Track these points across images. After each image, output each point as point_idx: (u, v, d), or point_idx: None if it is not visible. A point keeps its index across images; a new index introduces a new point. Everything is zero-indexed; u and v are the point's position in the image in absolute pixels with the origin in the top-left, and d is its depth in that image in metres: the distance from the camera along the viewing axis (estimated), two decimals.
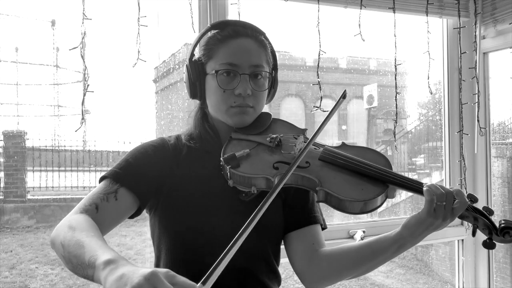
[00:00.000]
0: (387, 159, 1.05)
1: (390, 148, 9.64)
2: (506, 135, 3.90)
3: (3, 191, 6.39)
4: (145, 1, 1.49)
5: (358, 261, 1.05)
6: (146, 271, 0.64)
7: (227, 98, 1.05)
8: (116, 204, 0.97)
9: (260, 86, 1.07)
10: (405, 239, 0.98)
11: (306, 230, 1.12)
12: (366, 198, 0.95)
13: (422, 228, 0.95)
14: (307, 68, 11.62)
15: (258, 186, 0.97)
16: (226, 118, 1.07)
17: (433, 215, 0.93)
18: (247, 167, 0.98)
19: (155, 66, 7.68)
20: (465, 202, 0.94)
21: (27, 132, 6.50)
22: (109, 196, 0.97)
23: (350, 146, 1.09)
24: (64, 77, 7.05)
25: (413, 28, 2.32)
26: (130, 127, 7.91)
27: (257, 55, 1.07)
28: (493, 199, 2.27)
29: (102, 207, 0.95)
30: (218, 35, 1.08)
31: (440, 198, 0.92)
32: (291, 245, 1.13)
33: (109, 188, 0.98)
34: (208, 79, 1.08)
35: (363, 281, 5.84)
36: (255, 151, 1.03)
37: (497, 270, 3.66)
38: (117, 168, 1.02)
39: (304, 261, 1.11)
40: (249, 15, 1.68)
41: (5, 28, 6.81)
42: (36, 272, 5.10)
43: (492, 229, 0.97)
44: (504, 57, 2.18)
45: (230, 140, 1.06)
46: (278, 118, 1.16)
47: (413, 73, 8.01)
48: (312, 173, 0.98)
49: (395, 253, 1.00)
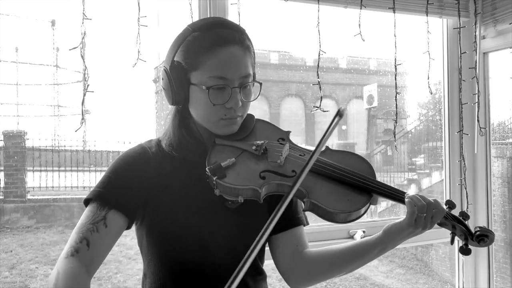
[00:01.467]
0: (370, 165, 1.07)
1: (390, 148, 9.64)
2: (506, 135, 3.90)
3: (3, 191, 6.40)
4: (145, 1, 1.49)
5: (340, 263, 1.07)
6: None
7: (217, 111, 1.01)
8: (107, 231, 0.95)
9: (249, 96, 1.05)
10: (385, 244, 1.02)
11: (290, 232, 1.13)
12: (352, 209, 0.97)
13: (403, 236, 1.00)
14: (307, 68, 11.63)
15: (245, 196, 0.97)
16: (215, 129, 1.04)
17: (414, 225, 0.97)
18: (234, 178, 0.97)
19: (155, 66, 7.67)
20: (442, 211, 0.98)
21: (27, 132, 6.51)
22: (99, 226, 0.95)
23: (334, 151, 1.09)
24: (64, 77, 7.05)
25: (413, 28, 2.32)
26: (130, 127, 7.92)
27: (245, 64, 1.02)
28: (493, 199, 2.27)
29: (93, 240, 0.93)
30: (202, 40, 1.00)
31: (421, 209, 0.96)
32: (276, 248, 1.14)
33: (97, 216, 0.96)
34: (193, 89, 1.02)
35: (363, 281, 5.84)
36: (241, 159, 1.01)
37: (497, 270, 3.66)
38: (100, 187, 0.99)
39: (288, 263, 1.12)
40: (249, 15, 1.68)
41: (5, 28, 6.81)
42: (36, 272, 5.11)
43: (468, 235, 1.01)
44: (504, 57, 2.18)
45: (214, 146, 1.04)
46: (261, 119, 1.14)
47: (413, 73, 8.02)
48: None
49: (376, 256, 1.04)
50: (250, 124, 1.10)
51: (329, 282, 5.59)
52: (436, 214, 0.97)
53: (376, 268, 6.42)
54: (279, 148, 1.04)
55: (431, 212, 0.97)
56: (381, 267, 6.48)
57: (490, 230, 1.00)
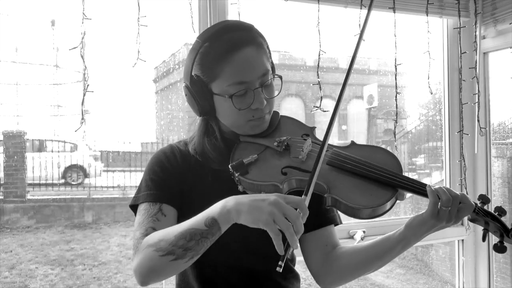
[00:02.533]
0: (397, 160, 1.03)
1: (390, 148, 9.64)
2: (506, 135, 3.89)
3: (3, 191, 6.39)
4: (145, 1, 1.48)
5: (366, 261, 1.06)
6: (270, 199, 0.81)
7: (244, 115, 1.02)
8: (167, 220, 1.00)
9: (272, 92, 1.05)
10: (408, 239, 0.99)
11: (319, 232, 1.13)
12: (375, 204, 0.94)
13: (425, 229, 0.96)
14: (307, 68, 11.62)
15: (267, 192, 0.97)
16: (246, 131, 1.05)
17: (436, 217, 0.94)
18: (256, 174, 0.98)
19: (155, 66, 7.68)
20: (470, 206, 0.94)
21: (27, 132, 6.50)
22: (158, 216, 0.99)
23: (360, 145, 1.07)
24: (64, 77, 7.04)
25: (413, 28, 2.32)
26: (130, 127, 7.91)
27: (261, 62, 1.01)
28: (493, 199, 2.27)
29: (159, 227, 0.97)
30: (213, 51, 1.00)
31: (446, 203, 0.92)
32: (305, 247, 1.14)
33: (153, 210, 1.00)
34: (217, 99, 1.03)
35: (363, 281, 5.84)
36: (263, 155, 1.02)
37: (497, 270, 3.66)
38: (146, 190, 1.03)
39: (318, 263, 1.12)
40: (249, 15, 1.68)
41: (5, 28, 6.81)
42: (36, 272, 5.10)
43: (503, 232, 0.95)
44: (504, 57, 2.18)
45: (238, 143, 1.05)
46: (287, 116, 1.14)
47: (413, 73, 8.01)
48: (320, 178, 0.96)
49: (399, 252, 1.02)
50: (274, 121, 1.11)
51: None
52: (462, 209, 0.93)
53: None
54: (301, 144, 1.04)
55: (457, 205, 0.93)
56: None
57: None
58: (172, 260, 0.87)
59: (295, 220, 0.79)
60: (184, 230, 0.87)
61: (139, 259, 0.92)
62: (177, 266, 0.88)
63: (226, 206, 0.84)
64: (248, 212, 0.81)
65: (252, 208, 0.81)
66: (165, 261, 0.87)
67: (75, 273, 5.10)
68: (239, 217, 0.83)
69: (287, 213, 0.79)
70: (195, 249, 0.86)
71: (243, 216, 0.82)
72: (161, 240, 0.89)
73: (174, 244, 0.86)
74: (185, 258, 0.87)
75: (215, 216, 0.85)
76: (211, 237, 0.86)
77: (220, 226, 0.85)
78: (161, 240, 0.89)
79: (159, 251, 0.88)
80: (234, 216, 0.83)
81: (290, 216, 0.79)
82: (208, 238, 0.86)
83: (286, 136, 1.06)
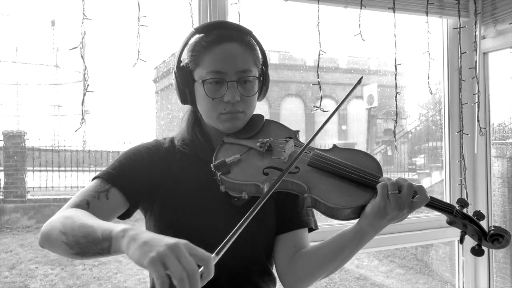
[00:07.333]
0: (377, 163, 1.05)
1: (390, 148, 9.64)
2: (506, 135, 3.89)
3: (3, 191, 6.39)
4: (145, 1, 1.49)
5: (326, 257, 1.05)
6: (170, 241, 0.68)
7: (216, 105, 1.04)
8: (107, 203, 0.98)
9: (249, 91, 1.06)
10: (364, 230, 0.98)
11: (290, 234, 1.12)
12: (354, 205, 0.95)
13: (378, 217, 0.94)
14: (307, 68, 11.62)
15: (249, 192, 0.98)
16: (218, 125, 1.07)
17: (388, 205, 0.92)
18: (237, 174, 0.99)
19: (155, 66, 7.68)
20: (425, 198, 0.94)
21: (27, 132, 6.50)
22: (100, 195, 0.98)
23: (342, 149, 1.09)
24: (64, 77, 7.04)
25: (413, 28, 2.32)
26: (130, 127, 7.92)
27: (243, 59, 1.04)
28: (493, 199, 2.26)
29: (93, 204, 0.96)
30: (203, 41, 1.05)
31: (392, 187, 0.92)
32: (275, 249, 1.13)
33: (101, 187, 0.99)
34: (196, 86, 1.07)
35: (363, 281, 5.84)
36: (246, 156, 1.03)
37: (497, 270, 3.66)
38: (110, 168, 1.02)
39: (284, 263, 1.11)
40: (249, 15, 1.68)
41: (5, 28, 6.82)
42: (36, 272, 5.10)
43: (481, 235, 0.97)
44: (504, 57, 2.18)
45: (222, 144, 1.07)
46: (271, 120, 1.16)
47: (413, 73, 8.01)
48: (301, 178, 0.98)
49: (358, 245, 1.00)
50: (259, 124, 1.13)
51: (330, 282, 5.58)
52: (417, 201, 0.93)
53: (376, 268, 6.42)
54: (283, 145, 1.05)
55: (408, 194, 0.92)
56: (381, 267, 6.47)
57: (506, 230, 0.95)
58: (64, 243, 0.83)
59: (191, 274, 0.65)
60: (87, 225, 0.82)
61: (50, 221, 0.90)
62: (64, 251, 0.85)
63: (126, 231, 0.74)
64: (139, 246, 0.69)
65: (144, 244, 0.69)
66: (59, 239, 0.84)
67: (75, 273, 5.10)
68: (128, 247, 0.71)
69: (183, 262, 0.65)
70: (83, 249, 0.81)
71: (132, 248, 0.70)
72: (72, 219, 0.85)
73: (72, 230, 0.83)
74: (72, 250, 0.83)
75: (113, 233, 0.76)
76: (98, 249, 0.78)
77: (111, 246, 0.76)
78: (71, 219, 0.85)
79: (61, 227, 0.85)
80: (124, 244, 0.73)
81: (185, 266, 0.65)
82: (96, 246, 0.78)
83: (269, 138, 1.08)
